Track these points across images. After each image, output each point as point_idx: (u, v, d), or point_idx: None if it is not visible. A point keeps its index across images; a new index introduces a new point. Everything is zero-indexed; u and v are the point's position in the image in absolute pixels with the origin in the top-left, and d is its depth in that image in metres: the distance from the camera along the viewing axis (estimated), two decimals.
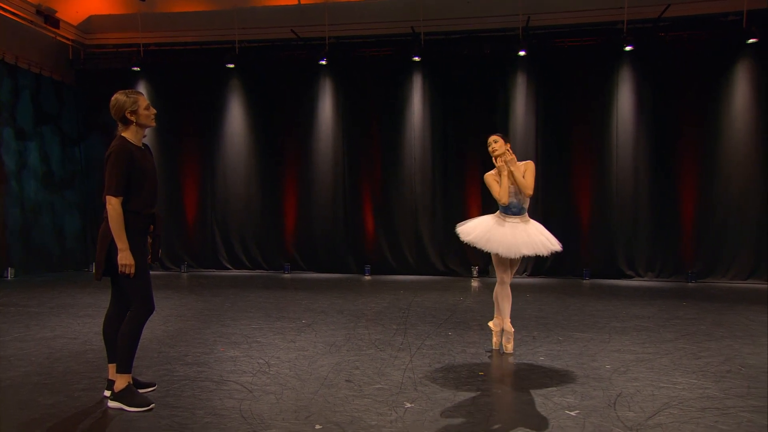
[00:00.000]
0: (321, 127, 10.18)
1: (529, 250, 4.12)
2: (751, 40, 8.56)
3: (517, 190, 4.28)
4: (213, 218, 10.43)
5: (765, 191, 8.80)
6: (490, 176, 4.47)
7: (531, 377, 3.78)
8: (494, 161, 4.42)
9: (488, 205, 9.75)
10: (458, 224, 4.45)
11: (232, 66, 10.11)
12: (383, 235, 10.03)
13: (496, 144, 4.41)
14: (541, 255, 4.16)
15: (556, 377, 3.78)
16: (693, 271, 9.01)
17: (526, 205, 4.34)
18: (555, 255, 5.69)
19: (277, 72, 10.24)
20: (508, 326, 4.49)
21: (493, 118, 9.70)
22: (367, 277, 9.71)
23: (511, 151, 4.38)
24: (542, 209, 9.55)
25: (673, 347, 4.66)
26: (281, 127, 10.37)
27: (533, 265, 9.60)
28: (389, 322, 5.66)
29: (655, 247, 9.26)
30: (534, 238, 4.18)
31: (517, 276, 9.58)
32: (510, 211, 4.35)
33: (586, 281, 9.19)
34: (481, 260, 9.80)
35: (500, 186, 4.37)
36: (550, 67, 9.50)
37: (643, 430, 2.87)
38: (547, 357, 4.33)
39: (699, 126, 9.08)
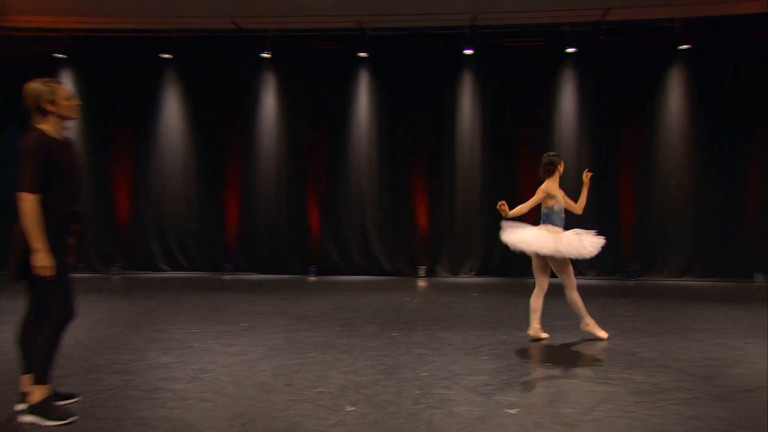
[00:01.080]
0: (264, 122, 10.00)
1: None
2: (683, 47, 9.07)
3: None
4: (147, 217, 10.05)
5: (698, 193, 9.34)
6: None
7: (473, 376, 3.86)
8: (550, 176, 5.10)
9: (435, 202, 9.90)
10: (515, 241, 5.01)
11: (168, 56, 9.78)
12: (329, 234, 9.98)
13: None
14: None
15: (498, 375, 3.88)
16: (632, 270, 9.45)
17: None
18: (501, 255, 6.23)
19: (217, 64, 9.97)
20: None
21: (440, 115, 9.83)
22: (312, 278, 9.64)
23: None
24: (488, 210, 9.77)
25: (611, 344, 4.87)
26: (222, 122, 10.11)
27: (480, 265, 9.80)
28: (333, 324, 5.65)
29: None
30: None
31: (465, 276, 9.76)
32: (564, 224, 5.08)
33: (532, 280, 9.44)
34: (428, 260, 9.92)
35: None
36: (497, 66, 9.72)
37: (580, 425, 2.99)
38: (491, 356, 4.44)
39: (637, 128, 9.54)
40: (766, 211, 9.28)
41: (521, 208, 4.83)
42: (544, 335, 5.06)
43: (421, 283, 9.24)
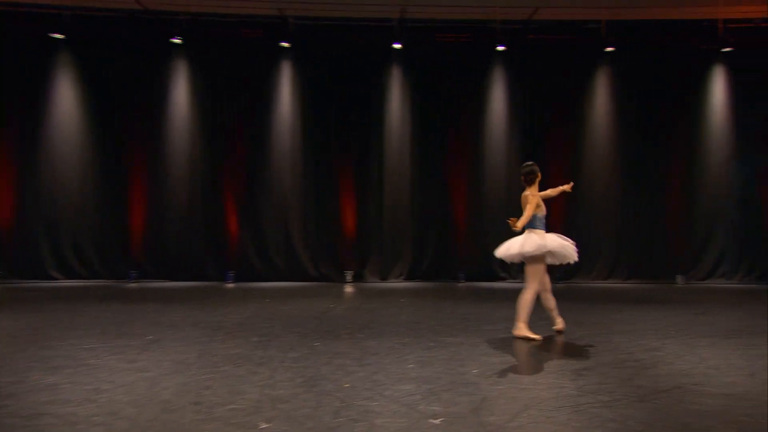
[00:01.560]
0: (174, 114, 9.65)
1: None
2: (609, 49, 9.65)
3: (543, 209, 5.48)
4: (35, 218, 9.41)
5: (622, 196, 9.97)
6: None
7: (397, 386, 3.91)
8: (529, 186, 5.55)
9: (363, 203, 9.94)
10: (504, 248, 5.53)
11: (61, 37, 9.21)
12: (249, 237, 9.79)
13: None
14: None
15: (423, 384, 3.95)
16: (560, 272, 9.93)
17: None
18: (431, 259, 6.72)
19: (121, 48, 9.53)
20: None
21: (368, 112, 9.90)
22: (230, 285, 9.42)
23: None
24: (418, 212, 9.95)
25: (536, 349, 5.09)
26: (126, 113, 9.65)
27: (409, 269, 9.95)
28: (250, 334, 5.55)
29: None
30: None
31: (394, 280, 9.87)
32: (545, 227, 5.53)
33: (462, 284, 9.73)
34: (356, 264, 9.95)
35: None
36: (426, 62, 9.92)
37: None
38: (417, 364, 4.51)
39: (565, 129, 10.06)
40: (687, 214, 10.05)
41: (524, 220, 5.25)
42: (560, 327, 5.69)
43: (348, 288, 9.25)
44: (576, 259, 5.48)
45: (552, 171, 10.06)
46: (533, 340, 5.32)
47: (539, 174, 5.59)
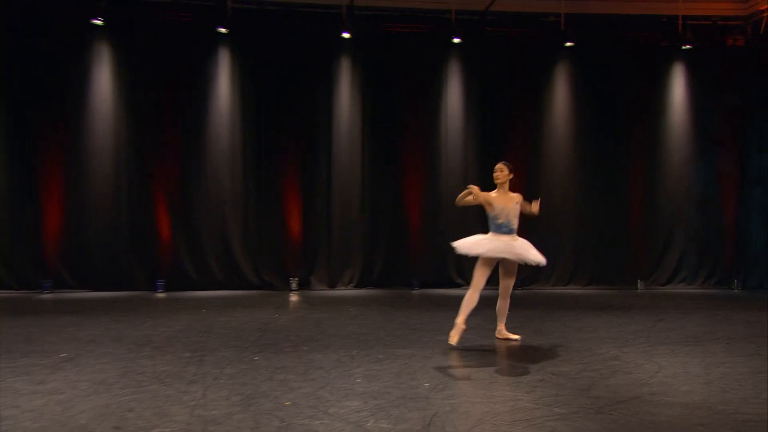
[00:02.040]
0: (95, 102, 9.26)
1: (523, 256, 5.55)
2: (568, 44, 9.93)
3: (509, 213, 5.62)
4: None
5: (581, 199, 10.26)
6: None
7: (343, 402, 3.88)
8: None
9: (310, 205, 9.85)
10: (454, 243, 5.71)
11: None
12: (182, 242, 9.55)
13: (501, 173, 5.73)
14: (531, 264, 5.62)
15: (372, 400, 3.93)
16: (519, 278, 10.06)
17: (516, 225, 5.67)
18: (383, 265, 6.73)
19: (34, 28, 9.08)
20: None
21: (314, 106, 9.84)
22: (160, 294, 9.17)
23: (503, 178, 5.72)
24: (369, 215, 9.93)
25: (492, 359, 5.16)
26: (38, 101, 9.19)
27: (360, 276, 9.92)
28: (182, 349, 5.42)
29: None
30: (527, 250, 5.60)
31: (342, 288, 9.83)
32: (502, 230, 5.63)
33: (416, 291, 9.78)
34: (301, 271, 9.85)
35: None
36: (378, 53, 9.95)
37: None
38: (365, 378, 4.49)
39: (524, 127, 10.27)
40: (648, 217, 10.42)
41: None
42: (515, 337, 5.95)
43: (293, 297, 9.16)
44: (536, 261, 5.59)
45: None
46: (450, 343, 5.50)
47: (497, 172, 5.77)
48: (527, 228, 10.02)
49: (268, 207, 9.79)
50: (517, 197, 5.73)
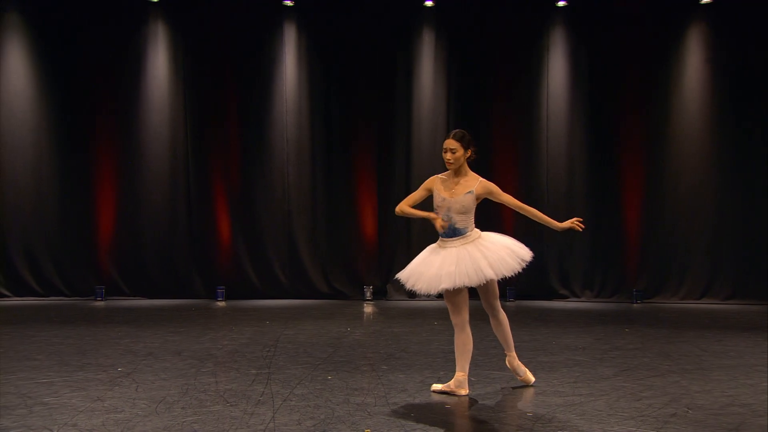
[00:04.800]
0: (149, 90, 9.62)
1: (453, 281, 4.58)
2: (560, 3, 9.53)
3: (449, 208, 4.72)
4: None
5: (721, 195, 9.60)
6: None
7: (430, 431, 3.84)
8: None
9: (387, 203, 9.87)
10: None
11: None
12: (244, 246, 9.81)
13: (453, 154, 4.80)
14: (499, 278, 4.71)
15: None
16: (638, 290, 9.74)
17: (464, 225, 4.72)
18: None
19: (80, 10, 9.53)
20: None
21: (391, 85, 9.82)
22: (221, 303, 9.44)
23: (455, 160, 4.81)
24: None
25: (610, 386, 4.95)
26: (89, 92, 9.61)
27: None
28: (247, 366, 5.53)
29: (594, 260, 9.89)
30: (474, 263, 4.61)
31: (425, 298, 9.73)
32: (444, 234, 4.78)
33: (511, 303, 9.60)
34: (377, 278, 9.88)
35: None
36: (465, 23, 9.84)
37: None
38: (455, 404, 4.42)
39: (644, 108, 9.81)
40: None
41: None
42: (526, 377, 5.07)
43: (368, 308, 9.20)
44: (503, 272, 4.69)
45: (627, 161, 9.86)
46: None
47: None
48: (656, 230, 9.62)
49: (339, 204, 9.90)
50: (474, 184, 4.75)
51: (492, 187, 4.79)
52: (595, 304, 9.65)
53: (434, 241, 9.97)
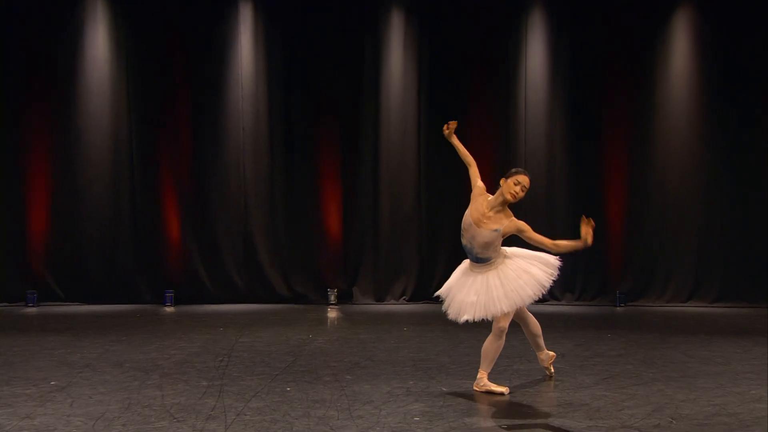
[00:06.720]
0: (87, 73, 9.47)
1: (473, 314, 5.04)
2: None
3: (473, 237, 5.07)
4: None
5: (708, 194, 9.77)
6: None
7: None
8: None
9: (352, 201, 9.89)
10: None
11: None
12: (195, 246, 9.76)
13: (523, 193, 5.18)
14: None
15: None
16: (622, 292, 9.88)
17: (486, 255, 5.10)
18: (444, 273, 6.49)
19: None
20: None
21: (358, 71, 9.87)
22: (170, 309, 9.40)
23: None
24: (426, 211, 9.89)
25: (590, 395, 5.04)
26: (14, 73, 9.46)
27: (414, 287, 9.91)
28: (197, 377, 5.52)
29: (574, 261, 9.97)
30: (489, 294, 5.02)
31: (393, 302, 9.82)
32: (469, 255, 5.24)
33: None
34: (342, 281, 9.90)
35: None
36: (438, 3, 9.87)
37: None
38: (424, 416, 4.48)
39: (629, 98, 9.93)
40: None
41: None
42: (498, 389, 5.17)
43: (331, 313, 9.24)
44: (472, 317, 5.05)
45: (610, 154, 9.98)
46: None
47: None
48: (640, 228, 9.78)
49: (301, 200, 9.90)
50: (504, 222, 5.05)
51: (523, 226, 5.11)
52: (575, 307, 9.77)
53: (405, 239, 9.97)
